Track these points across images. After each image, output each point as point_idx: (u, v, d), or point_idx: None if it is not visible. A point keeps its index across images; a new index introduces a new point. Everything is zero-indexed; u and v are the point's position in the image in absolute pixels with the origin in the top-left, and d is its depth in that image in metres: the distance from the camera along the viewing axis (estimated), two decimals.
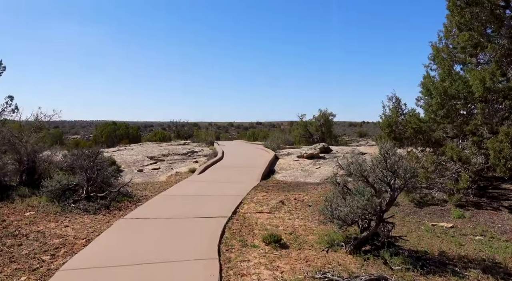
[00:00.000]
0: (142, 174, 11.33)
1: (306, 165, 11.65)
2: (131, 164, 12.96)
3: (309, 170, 11.03)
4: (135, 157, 14.27)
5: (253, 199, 7.34)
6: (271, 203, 6.88)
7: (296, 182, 9.52)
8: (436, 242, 4.74)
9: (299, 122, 32.43)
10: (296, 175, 10.38)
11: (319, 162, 11.95)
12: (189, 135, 33.74)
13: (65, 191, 7.45)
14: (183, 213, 6.17)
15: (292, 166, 11.58)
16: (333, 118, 32.43)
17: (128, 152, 15.82)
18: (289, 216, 6.05)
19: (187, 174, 10.91)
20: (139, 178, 10.65)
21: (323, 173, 10.50)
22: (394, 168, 3.96)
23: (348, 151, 13.89)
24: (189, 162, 13.27)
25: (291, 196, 7.47)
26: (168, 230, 5.28)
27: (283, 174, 10.54)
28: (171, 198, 7.50)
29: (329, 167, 11.24)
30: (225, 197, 7.45)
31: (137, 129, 34.35)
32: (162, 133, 31.92)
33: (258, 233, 5.16)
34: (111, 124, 32.85)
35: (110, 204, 7.07)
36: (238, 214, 6.16)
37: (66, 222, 6.00)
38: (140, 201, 7.45)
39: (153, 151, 15.70)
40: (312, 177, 10.07)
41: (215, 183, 9.05)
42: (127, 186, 7.90)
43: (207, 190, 8.18)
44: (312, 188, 8.45)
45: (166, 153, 14.72)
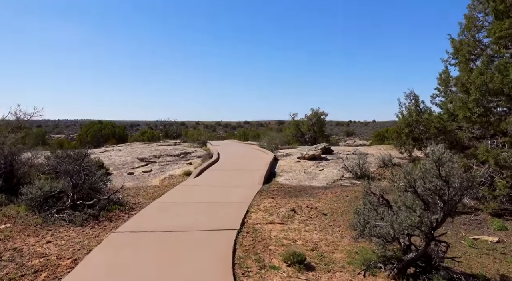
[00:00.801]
0: (133, 177, 10.48)
1: (308, 167, 10.99)
2: (120, 166, 12.08)
3: (313, 173, 10.36)
4: (124, 159, 13.39)
5: (259, 206, 6.62)
6: (281, 212, 6.17)
7: (301, 186, 8.83)
8: (489, 262, 4.11)
9: (291, 122, 31.83)
10: (300, 178, 9.70)
11: (321, 164, 11.31)
12: (178, 134, 32.75)
13: (47, 199, 6.60)
14: (184, 224, 5.41)
15: (294, 168, 10.90)
16: (325, 117, 31.98)
17: (116, 153, 14.90)
18: (305, 227, 5.35)
19: (182, 178, 10.11)
20: (130, 182, 9.81)
21: (329, 175, 9.85)
22: (449, 177, 3.28)
23: (350, 151, 13.29)
24: (183, 164, 12.45)
25: (302, 203, 6.78)
26: (169, 248, 4.51)
27: (286, 177, 9.85)
28: (168, 206, 6.72)
29: (334, 169, 10.60)
30: (228, 204, 6.71)
31: (123, 128, 33.17)
32: (151, 133, 30.84)
33: (275, 249, 4.44)
34: (96, 123, 31.65)
35: (100, 213, 6.25)
36: (247, 226, 5.44)
37: (48, 237, 5.18)
38: (133, 209, 6.65)
39: (143, 152, 14.82)
40: (317, 180, 9.40)
41: (214, 188, 8.29)
42: (118, 193, 7.08)
43: (207, 196, 7.42)
44: (321, 193, 7.78)
45: (157, 154, 13.87)
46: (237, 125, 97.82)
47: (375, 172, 9.89)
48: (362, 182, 8.89)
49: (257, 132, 40.23)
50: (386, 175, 9.65)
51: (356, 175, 9.41)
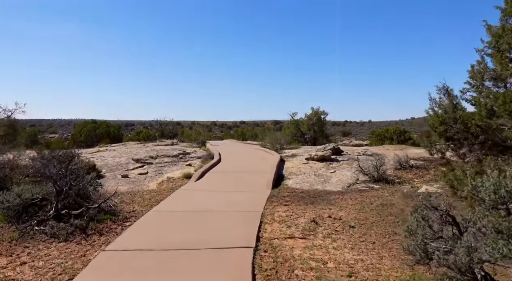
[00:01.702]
0: (128, 180, 9.58)
1: (318, 169, 10.15)
2: (114, 168, 11.16)
3: (324, 175, 9.52)
4: (118, 160, 12.46)
5: (273, 216, 5.76)
6: (300, 223, 5.32)
7: (314, 190, 7.99)
8: None
9: (291, 121, 31.07)
10: (311, 182, 8.85)
11: (332, 165, 10.47)
12: (174, 134, 31.81)
13: (27, 208, 5.70)
14: (188, 240, 4.54)
15: (303, 171, 10.05)
16: (325, 116, 31.25)
17: (110, 154, 13.97)
18: (333, 244, 4.50)
19: (182, 181, 9.22)
20: (124, 186, 8.91)
21: (342, 179, 9.01)
22: None
23: (360, 152, 12.47)
24: (182, 166, 11.56)
25: (322, 212, 5.93)
26: (170, 273, 3.64)
27: (295, 181, 8.99)
28: (168, 215, 5.83)
29: (346, 171, 9.76)
30: (237, 213, 5.84)
31: (118, 128, 32.19)
32: (147, 132, 29.86)
33: (304, 275, 3.58)
34: (90, 122, 30.66)
35: (88, 225, 5.36)
36: (263, 241, 4.58)
37: (24, 256, 4.29)
38: (128, 219, 5.76)
39: (138, 152, 13.90)
40: (331, 184, 8.56)
41: (218, 193, 7.42)
42: (110, 200, 6.19)
43: (211, 203, 6.55)
44: (339, 199, 6.93)
45: (153, 154, 12.96)
46: (233, 125, 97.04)
47: (393, 175, 9.06)
48: (382, 186, 8.08)
49: (255, 131, 39.42)
50: (405, 178, 8.84)
51: (373, 178, 8.58)
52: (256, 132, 37.86)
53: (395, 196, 6.97)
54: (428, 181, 8.45)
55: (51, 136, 63.87)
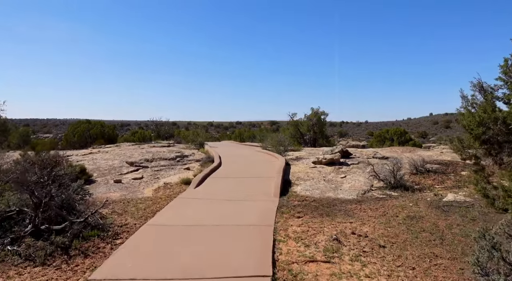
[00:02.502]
0: (120, 186, 8.77)
1: (328, 174, 9.39)
2: (106, 172, 10.35)
3: (334, 181, 8.77)
4: (111, 163, 11.64)
5: (287, 231, 4.99)
6: (320, 241, 4.56)
7: (326, 198, 7.23)
8: None
9: (290, 122, 30.41)
10: (321, 188, 8.10)
11: (342, 170, 9.72)
12: (170, 135, 30.97)
13: (1, 222, 4.92)
14: (190, 266, 3.76)
15: (311, 175, 9.29)
16: (325, 117, 30.62)
17: (103, 156, 13.14)
18: (364, 270, 3.74)
19: (180, 187, 8.43)
20: (117, 192, 8.11)
21: (355, 185, 8.26)
22: None
23: (369, 155, 11.73)
24: (180, 169, 10.76)
25: (342, 226, 5.17)
26: None
27: (304, 187, 8.23)
28: (165, 231, 5.04)
29: (358, 176, 9.01)
30: (245, 228, 5.07)
31: (113, 128, 31.27)
32: (142, 133, 28.95)
33: None
34: (84, 122, 29.72)
35: (71, 243, 4.58)
36: (280, 266, 3.81)
37: None
38: (118, 236, 4.97)
39: (133, 154, 13.07)
40: (344, 191, 7.81)
41: (221, 203, 6.64)
42: (98, 212, 5.39)
43: (214, 215, 5.77)
44: (357, 210, 6.18)
45: (149, 157, 12.14)
46: (229, 125, 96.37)
47: (410, 181, 8.32)
48: (401, 194, 7.35)
49: (252, 132, 38.68)
50: (425, 184, 8.10)
51: (389, 184, 7.84)
52: (254, 132, 37.13)
53: (420, 205, 6.23)
54: (451, 187, 7.72)
55: (45, 136, 62.78)
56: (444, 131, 76.57)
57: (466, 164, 10.12)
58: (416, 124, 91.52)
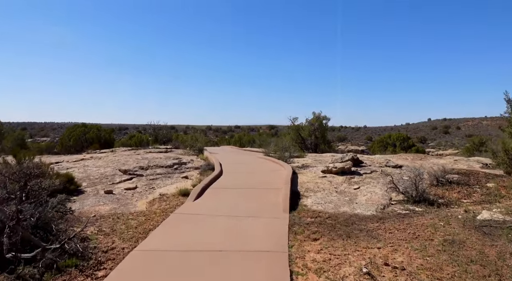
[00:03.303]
0: (111, 197, 7.93)
1: (339, 185, 8.57)
2: (97, 181, 9.50)
3: (348, 193, 7.95)
4: (103, 170, 10.79)
5: (305, 259, 4.17)
6: (347, 274, 3.73)
7: (342, 214, 6.41)
8: None
9: (291, 126, 29.67)
10: (335, 201, 7.28)
11: (354, 180, 8.90)
12: (168, 139, 30.12)
13: None
14: None
15: (321, 186, 8.46)
16: (327, 122, 29.91)
17: (95, 163, 12.28)
18: None
19: (177, 199, 7.60)
20: (107, 205, 7.27)
21: (372, 198, 7.44)
22: None
23: (382, 163, 10.92)
24: (177, 178, 9.92)
25: (369, 253, 4.34)
26: None
27: (315, 200, 7.41)
28: (158, 259, 4.20)
29: (374, 187, 8.19)
30: (254, 255, 4.23)
31: (110, 132, 30.38)
32: (139, 137, 28.10)
33: None
34: (80, 126, 28.85)
35: (42, 277, 3.73)
36: None
37: None
38: (101, 266, 4.12)
39: (127, 161, 12.22)
40: (360, 205, 6.98)
41: (224, 219, 5.81)
42: (78, 237, 4.55)
43: (216, 237, 4.94)
44: (382, 230, 5.35)
45: (144, 164, 11.29)
46: (228, 129, 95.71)
47: (432, 193, 7.51)
48: (425, 209, 6.53)
49: (252, 136, 37.92)
50: (450, 198, 7.28)
51: (411, 198, 7.02)
52: (253, 137, 36.35)
53: (453, 225, 5.40)
54: (480, 202, 6.91)
55: (42, 139, 61.82)
56: (443, 137, 76.07)
57: (487, 174, 9.33)
58: (415, 129, 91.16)
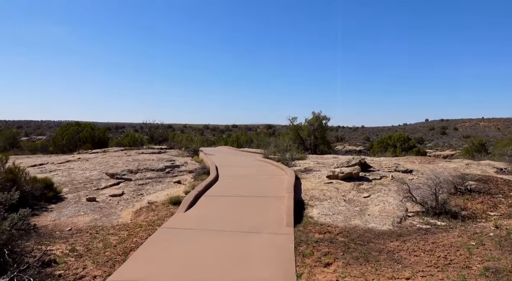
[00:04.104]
0: (94, 206, 7.10)
1: (347, 192, 7.76)
2: (81, 186, 8.65)
3: (357, 202, 7.15)
4: (88, 174, 9.94)
5: None
6: None
7: (354, 228, 5.61)
8: None
9: (290, 126, 28.90)
10: (344, 212, 6.47)
11: (363, 187, 8.10)
12: (164, 138, 29.22)
13: None
14: None
15: (328, 194, 7.65)
16: (327, 122, 29.16)
17: (81, 165, 11.42)
18: None
19: (167, 209, 6.77)
20: (87, 216, 6.44)
21: (386, 208, 6.63)
22: None
23: (390, 166, 10.12)
24: (169, 183, 9.08)
25: None
26: None
27: (322, 210, 6.60)
28: None
29: (385, 195, 7.39)
30: None
31: (104, 131, 29.45)
32: (133, 136, 27.15)
33: None
34: (74, 124, 27.94)
35: None
36: None
37: None
38: None
39: (116, 163, 11.36)
40: (373, 217, 6.18)
41: (220, 236, 4.99)
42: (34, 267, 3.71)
43: (209, 261, 4.11)
44: (404, 251, 4.54)
45: (134, 167, 10.43)
46: (225, 129, 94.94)
47: (454, 204, 6.72)
48: (448, 223, 5.73)
49: (249, 136, 37.12)
50: (473, 210, 6.48)
51: (431, 209, 6.23)
52: (251, 136, 35.55)
53: (487, 246, 4.61)
54: (509, 215, 6.12)
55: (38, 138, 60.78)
56: (440, 137, 75.64)
57: (507, 181, 8.56)
58: (412, 129, 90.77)
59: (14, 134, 33.82)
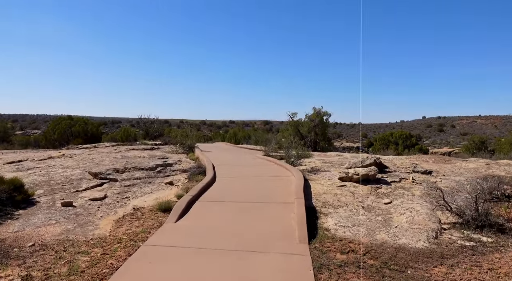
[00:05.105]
0: (69, 212, 6.01)
1: (364, 197, 6.71)
2: (58, 188, 7.56)
3: (378, 209, 6.10)
4: (70, 172, 8.83)
5: None
6: None
7: (381, 245, 4.56)
8: None
9: (289, 122, 27.84)
10: (365, 223, 5.42)
11: (382, 191, 7.05)
12: (159, 134, 28.05)
13: None
14: None
15: (343, 199, 6.59)
16: (328, 117, 28.15)
17: (64, 162, 10.30)
18: None
19: (154, 217, 5.69)
20: (58, 225, 5.36)
21: (413, 218, 5.57)
22: None
23: (408, 167, 9.07)
24: (159, 185, 7.99)
25: None
26: None
27: (338, 220, 5.54)
28: None
29: (409, 202, 6.34)
30: None
31: (98, 125, 28.27)
32: (126, 131, 25.94)
33: None
34: (66, 118, 26.74)
35: None
36: None
37: None
38: None
39: (103, 160, 10.25)
40: (402, 230, 5.13)
41: (216, 258, 3.92)
42: None
43: None
44: None
45: (121, 166, 9.31)
46: (222, 124, 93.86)
47: (495, 214, 5.67)
48: (497, 240, 4.69)
49: (247, 132, 36.02)
50: None
51: (472, 221, 5.18)
52: (249, 132, 34.46)
53: None
54: None
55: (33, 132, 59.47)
56: (437, 135, 74.98)
57: None
58: (409, 126, 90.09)
59: (6, 128, 32.54)
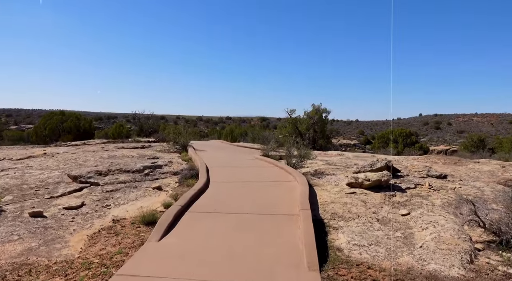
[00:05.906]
0: (37, 224, 5.14)
1: (378, 207, 5.89)
2: (30, 193, 6.68)
3: (395, 222, 5.28)
4: (47, 175, 7.94)
5: None
6: None
7: (407, 272, 3.76)
8: None
9: (287, 119, 27.02)
10: (383, 241, 4.60)
11: (397, 199, 6.23)
12: (154, 130, 27.10)
13: None
14: None
15: (353, 209, 5.75)
16: (327, 115, 27.43)
17: (43, 162, 9.39)
18: None
19: (136, 233, 4.83)
20: (20, 242, 4.49)
21: (439, 235, 4.75)
22: None
23: (421, 170, 8.25)
24: (146, 190, 7.12)
25: None
26: None
27: (351, 236, 4.72)
28: None
29: (431, 213, 5.52)
30: None
31: (90, 121, 27.32)
32: (118, 127, 24.97)
33: None
34: (58, 113, 25.73)
35: None
36: None
37: None
38: None
39: (86, 161, 9.35)
40: (428, 251, 4.31)
41: None
42: None
43: None
44: None
45: (105, 167, 8.40)
46: (219, 121, 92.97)
47: None
48: None
49: (244, 129, 35.14)
50: None
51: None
52: (246, 129, 33.59)
53: None
54: None
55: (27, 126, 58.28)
56: (434, 132, 74.61)
57: None
58: (406, 124, 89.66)
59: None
